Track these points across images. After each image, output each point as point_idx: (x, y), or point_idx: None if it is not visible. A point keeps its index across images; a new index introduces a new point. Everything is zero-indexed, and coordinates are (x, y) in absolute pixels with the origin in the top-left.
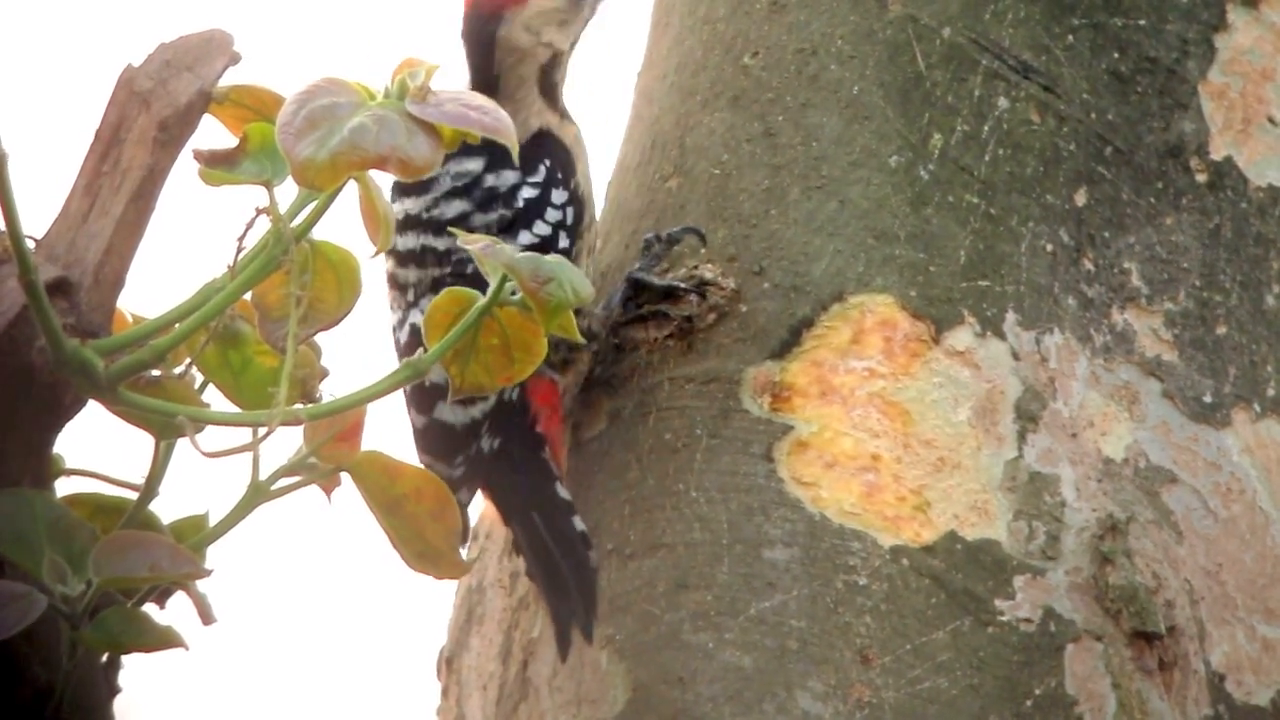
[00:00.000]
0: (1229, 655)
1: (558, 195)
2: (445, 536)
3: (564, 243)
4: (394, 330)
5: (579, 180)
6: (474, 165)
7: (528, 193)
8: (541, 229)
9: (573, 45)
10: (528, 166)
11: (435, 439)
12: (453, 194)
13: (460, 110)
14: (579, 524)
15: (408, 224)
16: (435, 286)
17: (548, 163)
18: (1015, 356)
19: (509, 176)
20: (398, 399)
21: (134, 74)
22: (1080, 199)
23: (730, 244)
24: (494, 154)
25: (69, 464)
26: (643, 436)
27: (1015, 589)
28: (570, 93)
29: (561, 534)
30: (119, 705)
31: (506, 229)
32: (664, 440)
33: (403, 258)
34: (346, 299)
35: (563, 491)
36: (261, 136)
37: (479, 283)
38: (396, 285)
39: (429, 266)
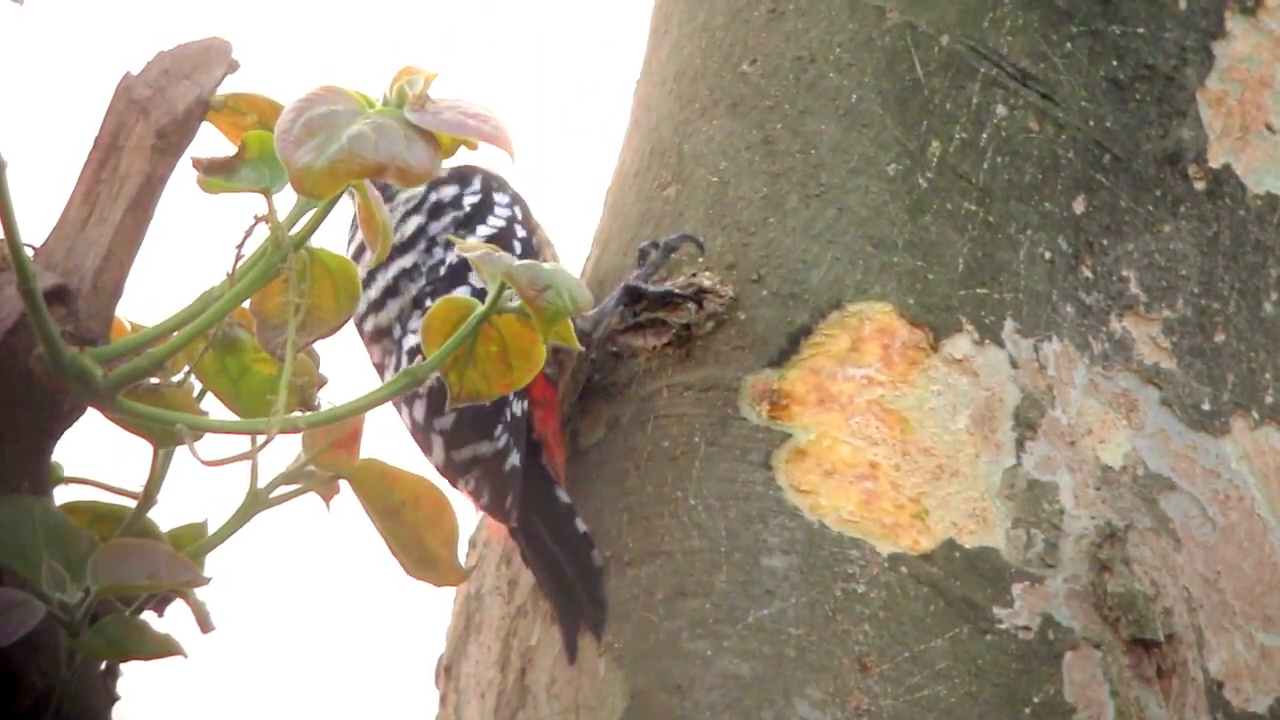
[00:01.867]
0: (1227, 663)
1: (500, 198)
2: (444, 543)
3: (521, 232)
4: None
5: (512, 187)
6: (418, 190)
7: (470, 199)
8: (496, 221)
9: None
10: (463, 182)
11: (469, 424)
12: (406, 215)
13: (458, 118)
14: (581, 526)
15: (372, 275)
16: (418, 303)
17: (480, 177)
18: (1014, 364)
19: (448, 191)
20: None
21: (132, 82)
22: (1079, 206)
23: (728, 252)
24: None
25: (67, 472)
26: (641, 444)
27: (1014, 596)
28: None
29: (564, 537)
30: (117, 712)
31: (463, 225)
32: (662, 448)
33: (376, 304)
34: (345, 307)
35: (562, 495)
36: (260, 144)
37: (456, 282)
38: (380, 337)
39: (405, 291)
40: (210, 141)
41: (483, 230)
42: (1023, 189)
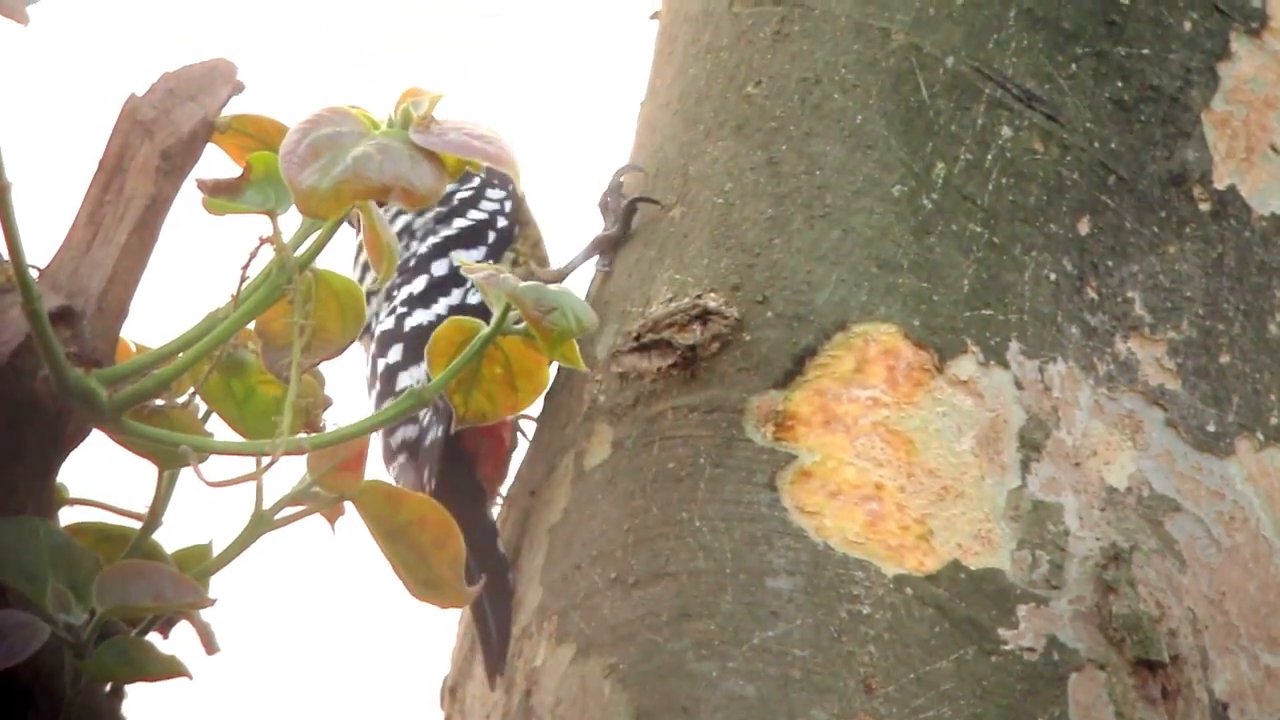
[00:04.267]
0: (1232, 684)
1: (494, 193)
2: (449, 565)
3: (502, 222)
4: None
5: (514, 185)
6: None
7: (462, 194)
8: (477, 215)
9: None
10: (462, 179)
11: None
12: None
13: (463, 139)
14: (500, 547)
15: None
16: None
17: (482, 174)
18: (1018, 385)
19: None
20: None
21: (137, 103)
22: (1083, 228)
23: (733, 273)
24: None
25: (73, 493)
26: (646, 465)
27: (1019, 618)
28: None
29: (485, 558)
30: None
31: (443, 221)
32: (667, 469)
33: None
34: (349, 328)
35: (489, 514)
36: (265, 165)
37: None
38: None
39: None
40: (215, 163)
41: (460, 222)
42: (1028, 210)
